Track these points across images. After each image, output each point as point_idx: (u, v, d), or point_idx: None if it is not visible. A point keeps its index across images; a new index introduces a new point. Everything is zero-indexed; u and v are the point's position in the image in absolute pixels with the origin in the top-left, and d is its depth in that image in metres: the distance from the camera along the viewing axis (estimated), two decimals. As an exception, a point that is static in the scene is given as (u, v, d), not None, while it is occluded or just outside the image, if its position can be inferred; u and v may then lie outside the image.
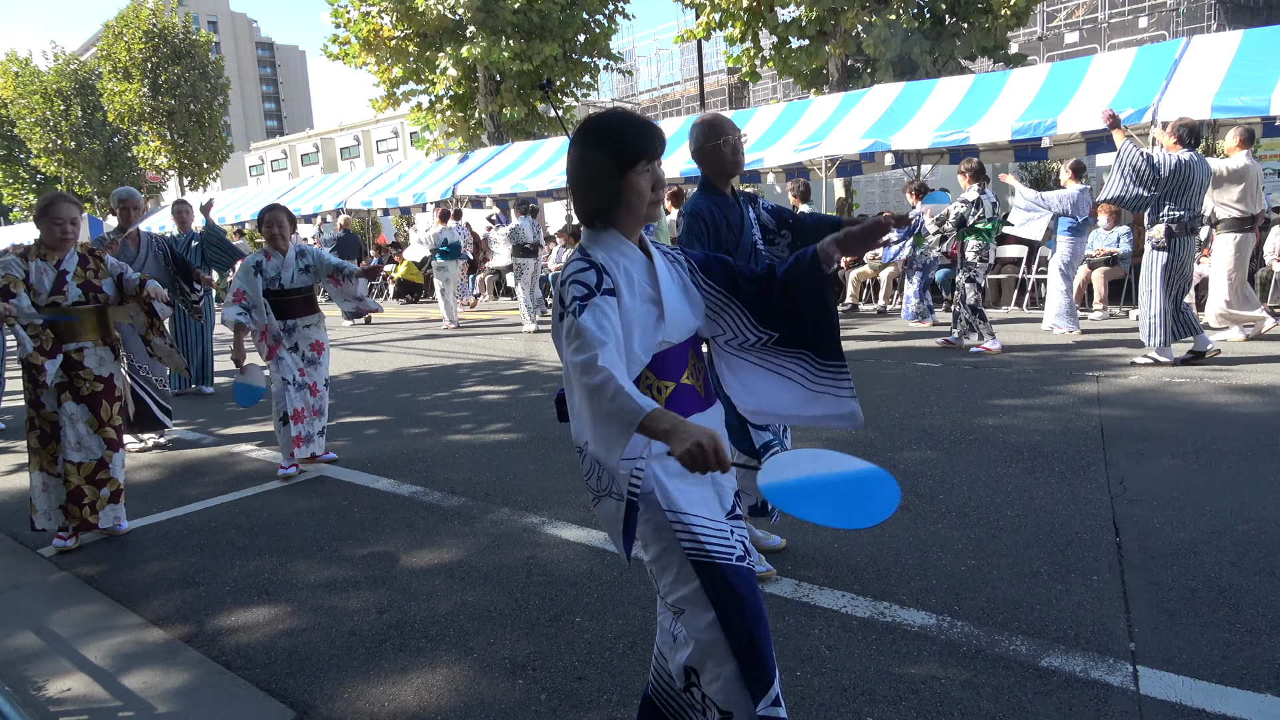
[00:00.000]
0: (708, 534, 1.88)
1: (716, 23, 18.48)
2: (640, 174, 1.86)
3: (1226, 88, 9.19)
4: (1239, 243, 7.68)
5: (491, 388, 7.81)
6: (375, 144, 47.34)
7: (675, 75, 41.58)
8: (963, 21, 17.38)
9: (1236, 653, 2.62)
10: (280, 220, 5.18)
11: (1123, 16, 27.83)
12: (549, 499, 4.46)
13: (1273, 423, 5.13)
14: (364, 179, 21.42)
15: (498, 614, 3.18)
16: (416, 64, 21.93)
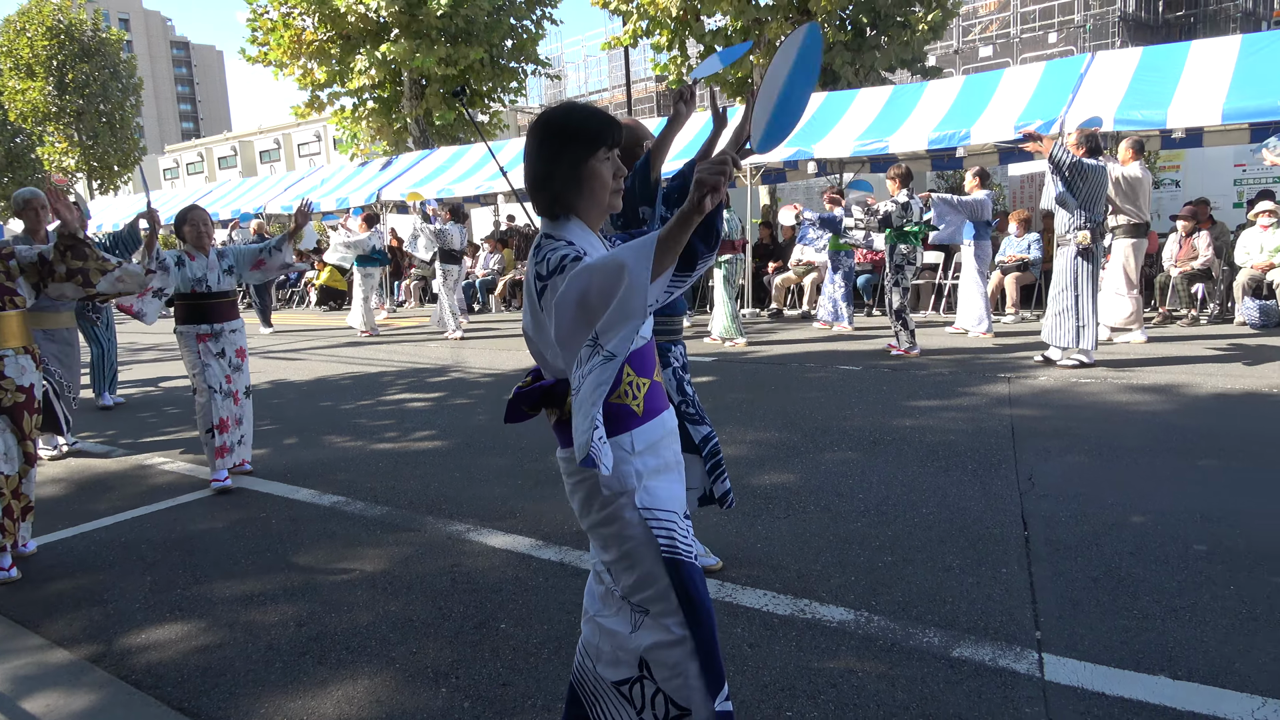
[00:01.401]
0: (680, 533, 1.89)
1: (644, 30, 18.63)
2: (601, 161, 1.85)
3: (1128, 101, 9.63)
4: (1135, 247, 8.11)
5: (417, 395, 7.71)
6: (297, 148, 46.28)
7: (604, 82, 41.71)
8: (883, 34, 17.87)
9: (1133, 638, 2.75)
10: (206, 220, 5.04)
11: (1033, 32, 28.93)
12: (475, 506, 4.43)
13: (1168, 420, 5.40)
14: (284, 183, 20.92)
15: (421, 623, 3.14)
16: (339, 66, 21.52)
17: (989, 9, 31.21)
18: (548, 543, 3.86)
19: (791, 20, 17.18)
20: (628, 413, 1.88)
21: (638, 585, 1.89)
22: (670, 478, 1.95)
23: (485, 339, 11.61)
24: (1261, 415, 5.45)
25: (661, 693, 1.90)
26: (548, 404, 1.95)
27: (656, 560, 1.86)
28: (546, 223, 1.92)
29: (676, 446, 2.01)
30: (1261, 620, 2.83)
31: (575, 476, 1.91)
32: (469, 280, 16.39)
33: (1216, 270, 9.87)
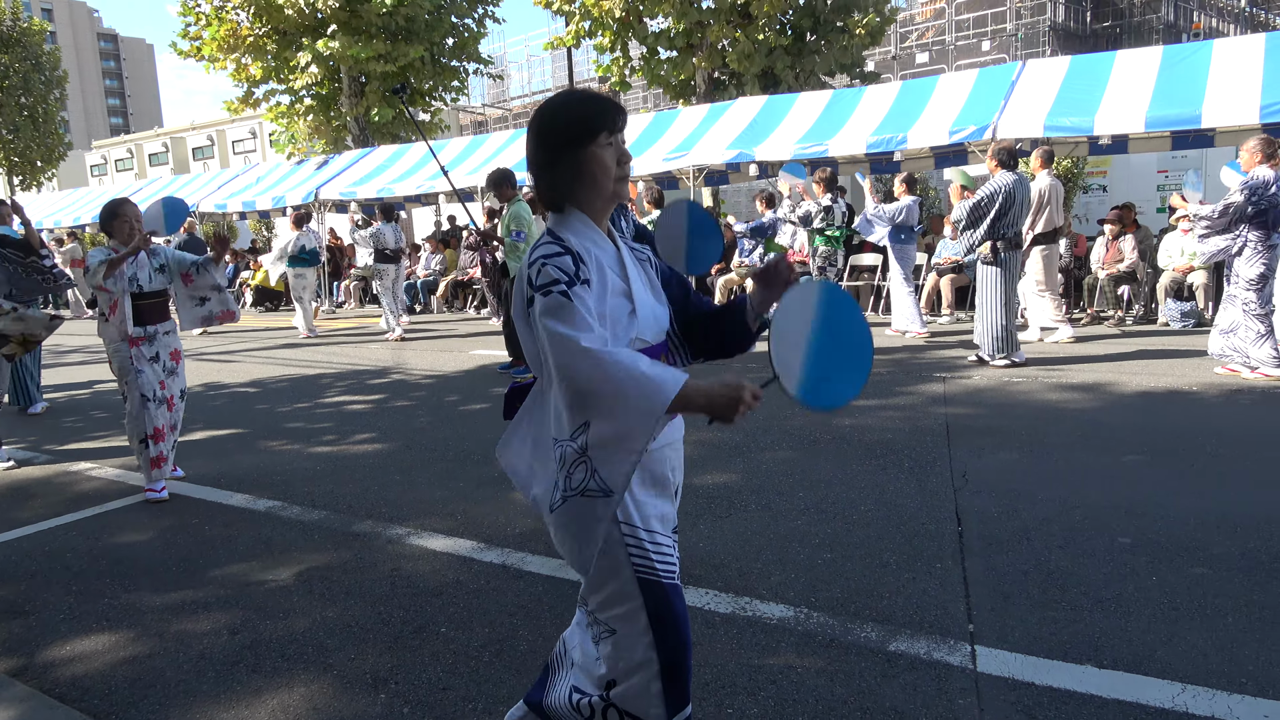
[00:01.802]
0: (660, 552, 1.81)
1: (586, 31, 18.62)
2: (602, 147, 1.75)
3: (1057, 109, 9.92)
4: (1047, 251, 8.45)
5: (356, 397, 7.59)
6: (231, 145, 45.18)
7: (547, 82, 41.54)
8: (822, 40, 18.13)
9: (1062, 629, 2.84)
10: (137, 215, 4.73)
11: (968, 39, 29.65)
12: (415, 509, 4.38)
13: (1096, 418, 5.58)
14: (218, 181, 20.39)
15: (359, 628, 3.09)
16: (276, 62, 21.06)
17: (925, 16, 31.90)
18: (490, 545, 3.83)
19: (734, 24, 17.32)
20: None
21: (606, 603, 1.83)
22: (659, 494, 1.86)
23: (427, 340, 11.48)
24: (1182, 412, 5.67)
25: (614, 708, 1.86)
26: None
27: (630, 580, 1.78)
28: (552, 217, 1.84)
29: (676, 462, 1.92)
30: (1182, 610, 2.94)
31: None
32: (410, 281, 16.18)
33: (1141, 273, 10.23)
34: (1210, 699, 2.41)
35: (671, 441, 1.89)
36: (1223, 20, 31.34)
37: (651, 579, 1.79)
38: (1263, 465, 4.48)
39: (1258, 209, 6.26)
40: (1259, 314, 6.41)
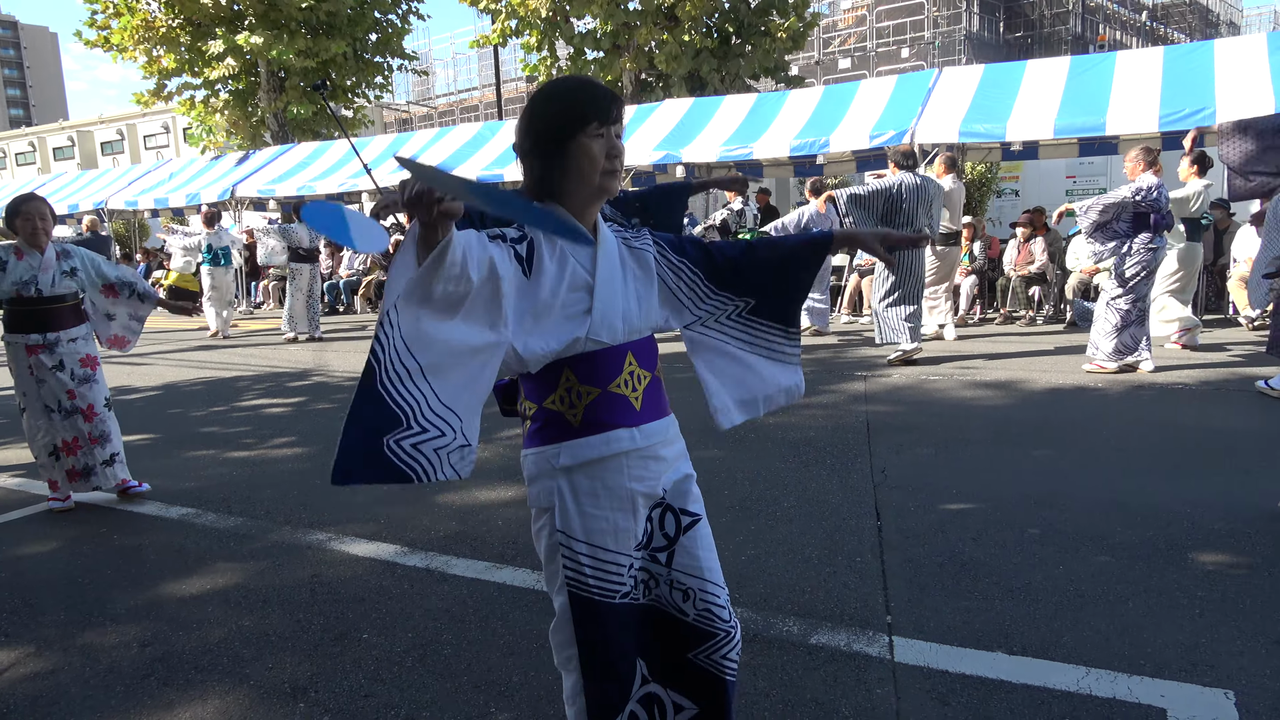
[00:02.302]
0: (596, 567, 1.71)
1: (513, 30, 18.50)
2: (591, 137, 1.64)
3: (971, 115, 10.26)
4: (947, 254, 8.81)
5: (275, 400, 7.39)
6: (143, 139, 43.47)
7: (473, 80, 41.16)
8: (747, 43, 18.37)
9: (974, 618, 2.94)
10: (43, 213, 4.34)
11: (888, 46, 30.42)
12: (336, 514, 4.29)
13: (1008, 414, 5.78)
14: (129, 177, 19.62)
15: (277, 637, 3.02)
16: (189, 54, 20.37)
17: (847, 23, 32.59)
18: (413, 549, 3.78)
19: (660, 26, 17.43)
20: (560, 421, 1.70)
21: (557, 621, 1.79)
22: (612, 506, 1.72)
23: (350, 340, 11.25)
24: (1088, 407, 5.92)
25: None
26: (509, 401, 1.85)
27: (562, 589, 1.74)
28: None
29: (643, 471, 1.76)
30: (1086, 597, 3.07)
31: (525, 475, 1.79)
32: (332, 281, 15.85)
33: (1050, 274, 10.64)
34: (1112, 681, 2.53)
35: (630, 450, 1.73)
36: (1125, 33, 32.83)
37: (581, 594, 1.71)
38: (1160, 457, 4.71)
39: (1138, 210, 6.62)
40: (1120, 310, 6.82)
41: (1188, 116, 8.96)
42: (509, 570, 3.50)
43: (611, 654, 1.75)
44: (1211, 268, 10.10)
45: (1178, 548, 3.45)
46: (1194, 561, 3.32)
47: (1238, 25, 37.94)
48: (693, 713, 1.85)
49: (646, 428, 1.76)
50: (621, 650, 1.77)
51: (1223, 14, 37.51)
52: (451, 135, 15.52)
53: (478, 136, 14.92)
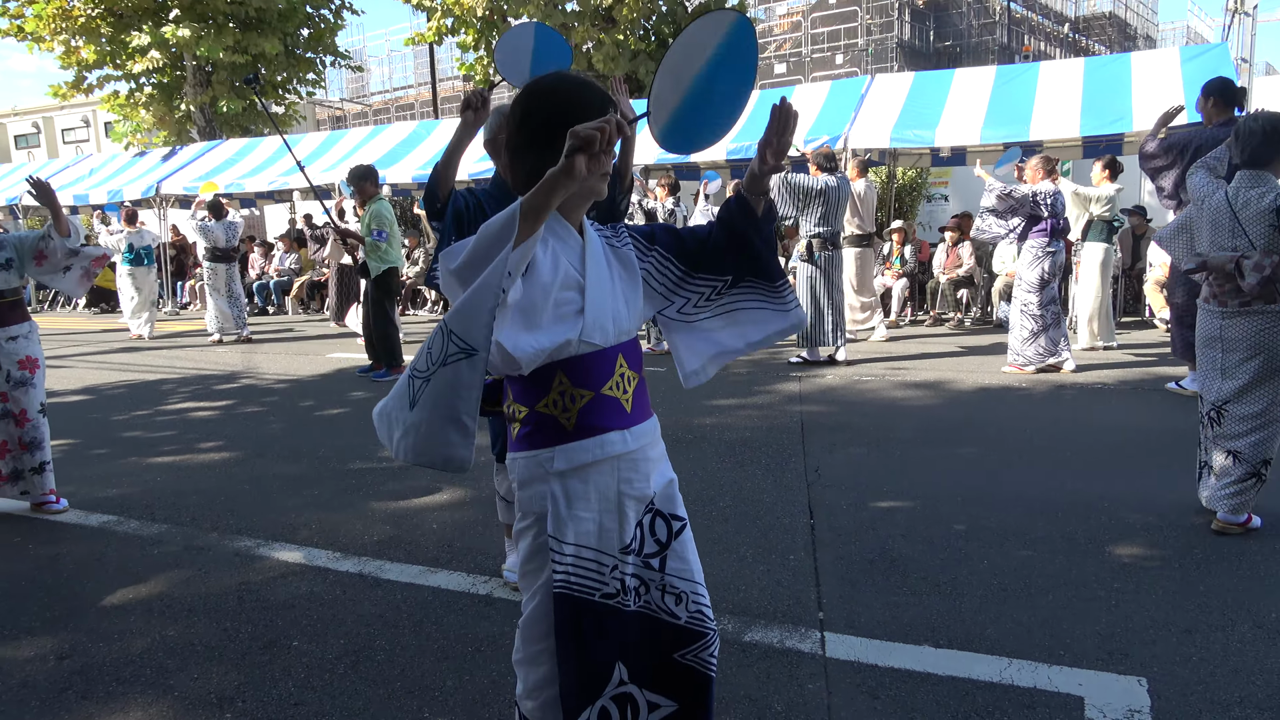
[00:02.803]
0: (580, 567, 1.71)
1: (449, 28, 18.31)
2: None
3: (902, 121, 10.48)
4: (862, 254, 9.08)
5: (202, 403, 7.19)
6: (60, 133, 41.81)
7: (409, 78, 40.56)
8: (682, 45, 18.47)
9: (903, 613, 3.01)
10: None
11: (823, 52, 30.91)
12: (265, 520, 4.19)
13: (936, 413, 5.93)
14: (45, 173, 18.84)
15: (203, 647, 2.94)
16: (111, 46, 19.67)
17: (783, 29, 33.04)
18: (346, 554, 3.72)
19: (598, 27, 17.44)
20: (553, 425, 1.68)
21: (526, 601, 1.78)
22: (600, 509, 1.71)
23: (280, 342, 11.00)
24: (1013, 407, 6.11)
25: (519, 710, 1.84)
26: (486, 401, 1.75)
27: (546, 587, 1.72)
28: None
29: (631, 474, 1.75)
30: (1009, 590, 3.17)
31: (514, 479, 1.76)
32: (263, 281, 15.48)
33: (978, 277, 10.94)
34: (1033, 671, 2.62)
35: (622, 454, 1.72)
36: (1049, 44, 33.92)
37: (565, 592, 1.70)
38: (1080, 454, 4.89)
39: (1035, 213, 6.96)
40: (1034, 314, 7.10)
41: (1107, 125, 9.30)
42: (443, 574, 3.47)
43: (589, 651, 1.74)
44: (1130, 272, 10.50)
45: (1096, 542, 3.58)
46: (1110, 555, 3.46)
47: (1154, 39, 39.53)
48: (670, 710, 1.85)
49: (636, 429, 1.76)
50: (600, 648, 1.75)
51: (1140, 28, 39.03)
52: (387, 133, 15.29)
53: (413, 135, 14.72)
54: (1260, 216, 3.52)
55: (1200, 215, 3.78)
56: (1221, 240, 3.66)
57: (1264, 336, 3.57)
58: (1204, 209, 3.75)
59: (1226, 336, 3.66)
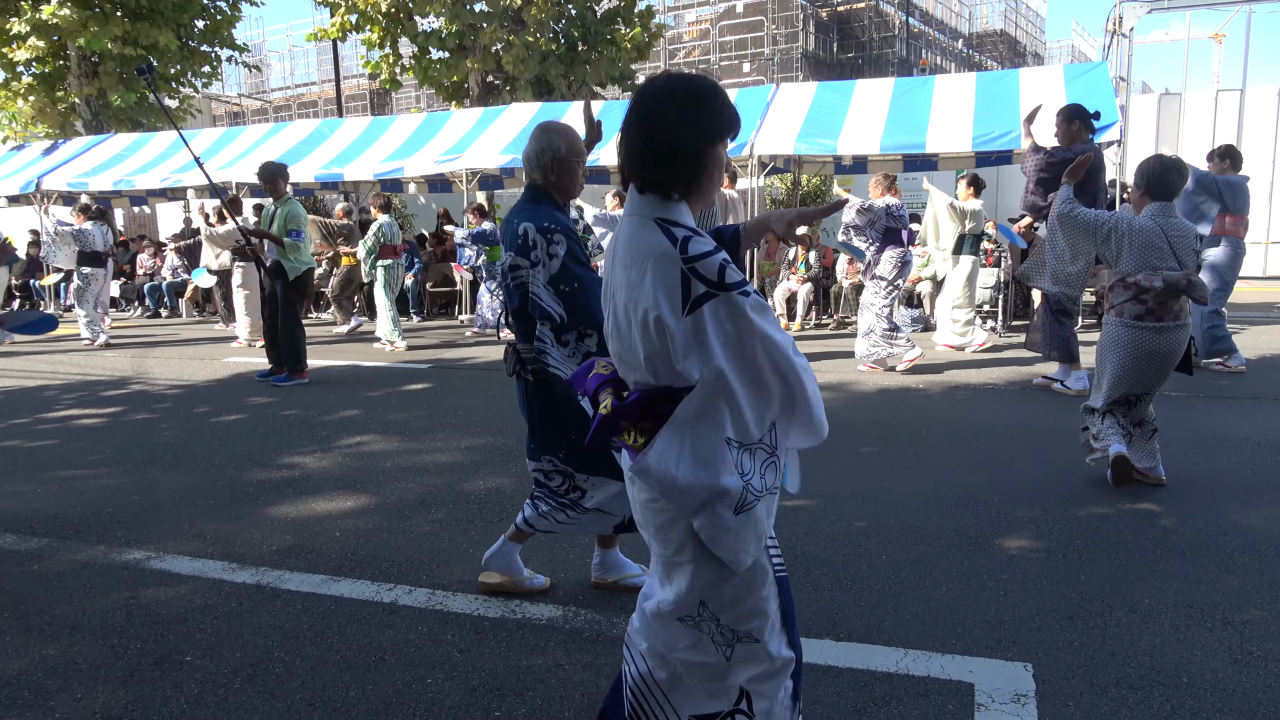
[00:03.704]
0: (778, 549, 1.83)
1: (353, 25, 17.89)
2: (724, 147, 1.73)
3: (806, 130, 10.75)
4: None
5: (88, 410, 6.84)
6: (-72, 123, 39.12)
7: (312, 75, 39.49)
8: (594, 50, 18.53)
9: (805, 608, 3.08)
10: None
11: (731, 60, 31.42)
12: (157, 531, 4.02)
13: (838, 414, 6.10)
14: (-90, 164, 17.61)
15: (88, 665, 2.80)
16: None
17: (692, 35, 33.44)
18: (243, 565, 3.60)
19: (507, 28, 17.31)
20: None
21: (748, 614, 1.76)
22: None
23: (172, 346, 10.55)
24: (911, 407, 6.33)
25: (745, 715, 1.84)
26: (648, 418, 1.69)
27: (771, 582, 1.77)
28: (654, 201, 1.70)
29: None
30: (906, 584, 3.29)
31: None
32: (155, 283, 14.84)
33: (879, 282, 11.28)
34: (927, 660, 2.72)
35: None
36: (945, 58, 35.29)
37: (784, 576, 1.82)
38: (973, 452, 5.10)
39: (889, 225, 7.39)
40: (887, 315, 7.56)
41: (997, 138, 9.73)
42: (346, 583, 3.39)
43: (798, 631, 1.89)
44: (1018, 277, 10.99)
45: (986, 535, 3.75)
46: (1000, 547, 3.62)
47: (1041, 56, 41.56)
48: None
49: None
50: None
51: (1029, 45, 40.98)
52: (287, 131, 14.84)
53: (316, 133, 14.34)
54: (1187, 242, 4.13)
55: (1128, 240, 4.20)
56: (1154, 261, 4.14)
57: (1181, 345, 4.18)
58: (1132, 234, 4.18)
59: (1161, 350, 4.17)
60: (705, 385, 1.61)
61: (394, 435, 5.75)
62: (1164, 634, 2.85)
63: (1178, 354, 4.21)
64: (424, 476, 4.80)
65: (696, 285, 1.59)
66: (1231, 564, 3.40)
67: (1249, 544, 3.59)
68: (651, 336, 1.64)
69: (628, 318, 1.70)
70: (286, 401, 6.94)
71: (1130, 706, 2.44)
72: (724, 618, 1.76)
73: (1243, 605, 3.05)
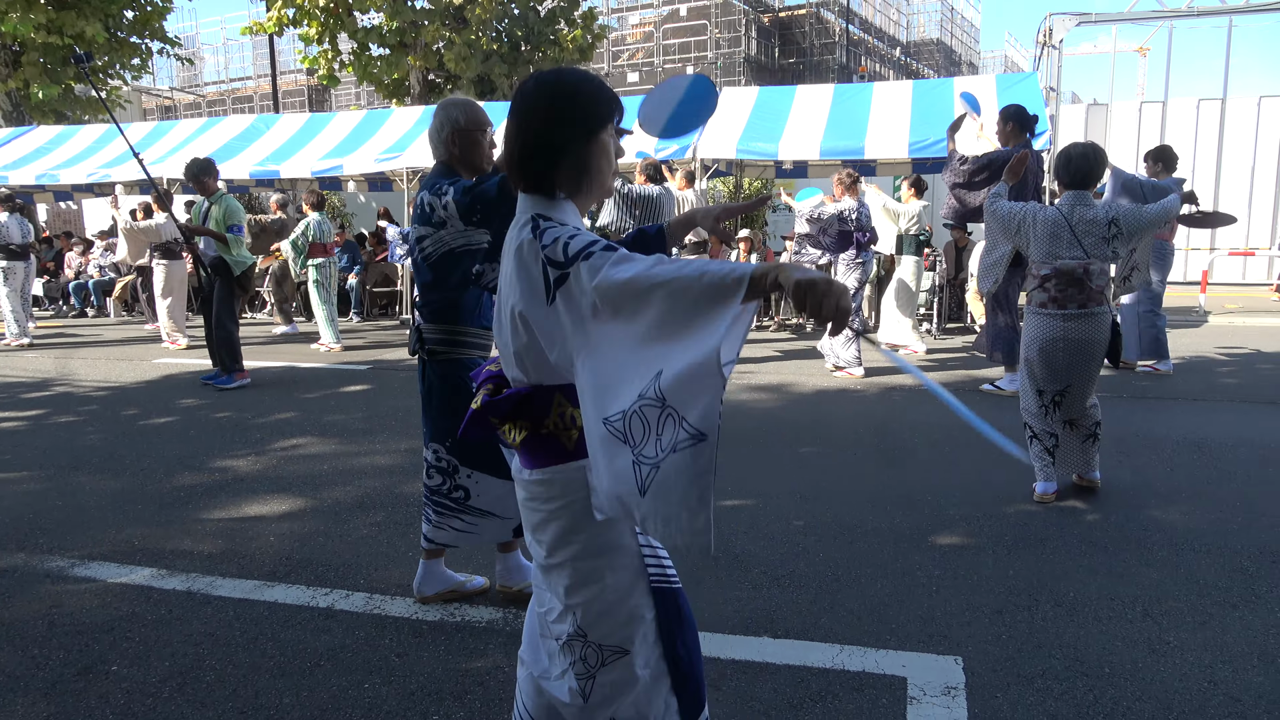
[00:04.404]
0: (667, 558, 1.71)
1: (290, 19, 17.53)
2: (610, 135, 1.67)
3: (748, 134, 10.86)
4: None
5: (7, 414, 6.58)
6: None
7: (247, 69, 38.62)
8: (536, 51, 18.46)
9: (744, 606, 3.12)
10: None
11: (674, 63, 31.58)
12: (82, 537, 3.89)
13: (778, 414, 6.19)
14: None
15: (5, 677, 2.70)
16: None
17: (635, 38, 33.53)
18: (172, 571, 3.50)
19: (449, 26, 17.14)
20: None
21: (619, 625, 1.68)
22: None
23: (99, 347, 10.21)
24: (849, 408, 6.44)
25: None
26: (521, 416, 1.65)
27: (645, 593, 1.68)
28: (538, 200, 1.65)
29: None
30: (843, 581, 3.35)
31: (555, 503, 1.64)
32: (80, 281, 14.36)
33: (819, 285, 11.44)
34: (862, 656, 2.78)
35: None
36: (883, 65, 35.97)
37: (666, 587, 1.70)
38: (907, 452, 5.21)
39: (843, 229, 7.51)
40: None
41: (932, 145, 9.94)
42: (281, 588, 3.33)
43: (691, 641, 1.77)
44: (953, 281, 11.26)
45: (920, 532, 3.84)
46: (932, 544, 3.71)
47: (976, 65, 42.63)
48: None
49: None
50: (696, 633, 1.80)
51: (964, 55, 42.00)
52: (221, 126, 14.48)
53: (251, 129, 14.01)
54: (1092, 229, 4.14)
55: (1033, 230, 4.27)
56: (1059, 250, 4.20)
57: (1097, 334, 4.19)
58: (1036, 224, 4.26)
59: (1069, 338, 4.20)
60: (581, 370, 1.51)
61: (331, 437, 5.66)
62: (1087, 626, 2.96)
63: (1091, 344, 4.16)
64: (362, 479, 4.73)
65: (551, 271, 1.51)
66: (1151, 558, 3.54)
67: (1167, 539, 3.74)
68: (519, 331, 1.60)
69: (500, 314, 1.69)
70: (220, 404, 6.78)
71: (1055, 697, 2.53)
72: (593, 633, 1.69)
73: (1161, 597, 3.17)
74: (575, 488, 1.62)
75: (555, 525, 1.66)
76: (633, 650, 1.69)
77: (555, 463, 1.64)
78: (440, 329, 2.95)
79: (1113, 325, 4.27)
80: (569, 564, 1.66)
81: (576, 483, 1.62)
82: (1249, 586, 3.27)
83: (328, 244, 9.77)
